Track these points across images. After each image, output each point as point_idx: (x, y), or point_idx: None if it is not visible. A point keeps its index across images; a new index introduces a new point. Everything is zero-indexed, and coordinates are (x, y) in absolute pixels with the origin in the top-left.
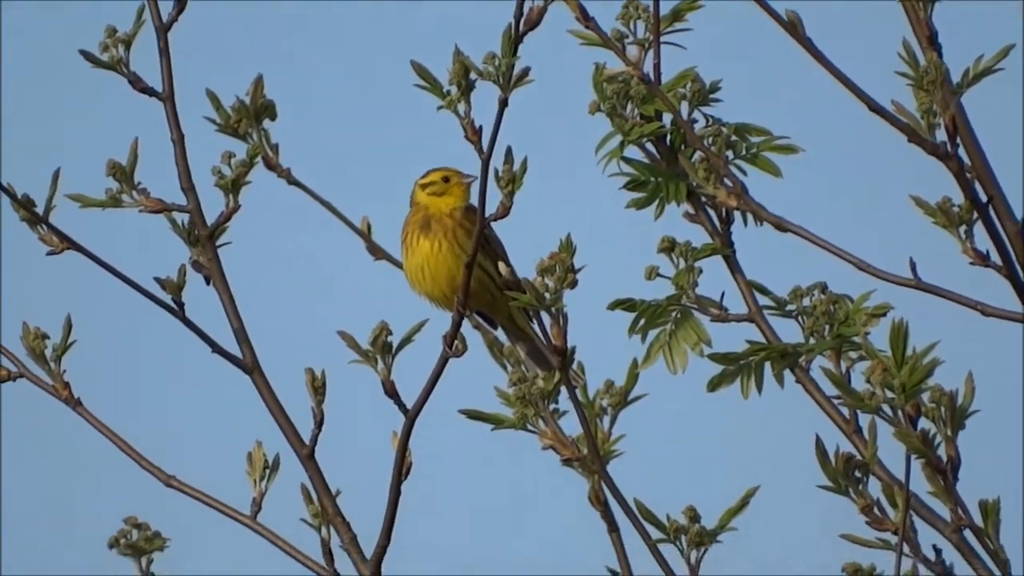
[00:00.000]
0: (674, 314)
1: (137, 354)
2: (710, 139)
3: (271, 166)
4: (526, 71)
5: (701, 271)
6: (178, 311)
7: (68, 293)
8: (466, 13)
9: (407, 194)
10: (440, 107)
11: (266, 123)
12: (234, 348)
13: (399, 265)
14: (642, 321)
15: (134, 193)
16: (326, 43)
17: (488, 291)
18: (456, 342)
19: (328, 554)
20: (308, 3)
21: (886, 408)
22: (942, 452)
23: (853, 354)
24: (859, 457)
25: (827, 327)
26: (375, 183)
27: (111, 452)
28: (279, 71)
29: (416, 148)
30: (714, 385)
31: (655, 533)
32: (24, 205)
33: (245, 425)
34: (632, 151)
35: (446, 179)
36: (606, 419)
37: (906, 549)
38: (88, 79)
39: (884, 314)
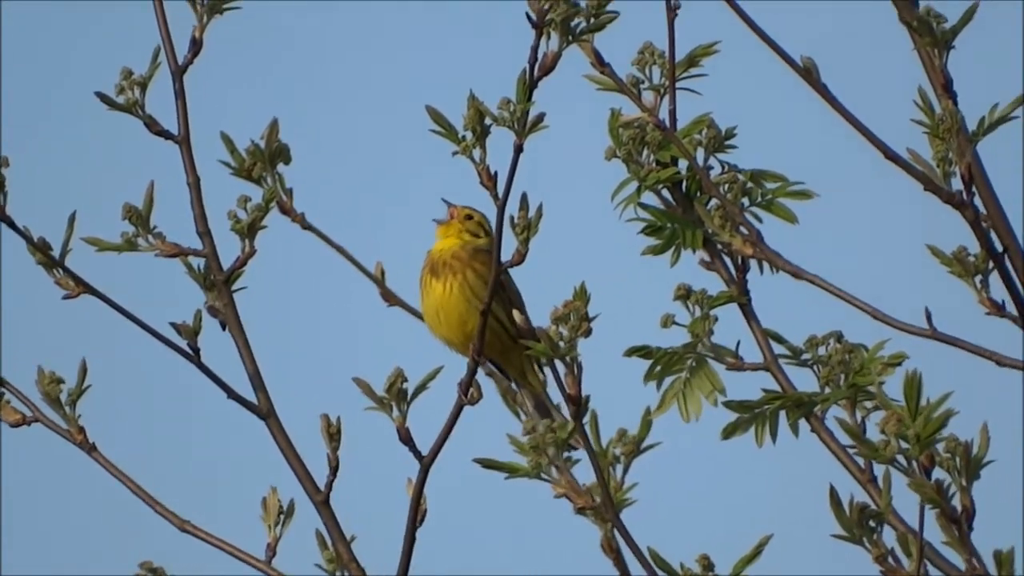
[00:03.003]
0: (689, 362)
1: (152, 399)
2: (726, 186)
3: (285, 211)
4: (541, 117)
5: (717, 319)
6: (194, 356)
7: (83, 337)
8: (481, 55)
9: (421, 239)
10: (455, 152)
11: (280, 167)
12: (249, 394)
13: (413, 311)
14: (658, 368)
15: (150, 237)
16: (341, 87)
17: (500, 340)
18: (472, 390)
19: None
20: (323, 47)
21: (900, 458)
22: (956, 502)
23: (868, 403)
24: (874, 506)
25: (842, 376)
26: (389, 228)
27: (126, 497)
28: (293, 115)
29: (431, 193)
30: (728, 433)
31: None
32: (40, 249)
33: (260, 471)
34: (648, 197)
35: (465, 216)
36: (619, 467)
37: None
38: (104, 121)
39: (899, 363)
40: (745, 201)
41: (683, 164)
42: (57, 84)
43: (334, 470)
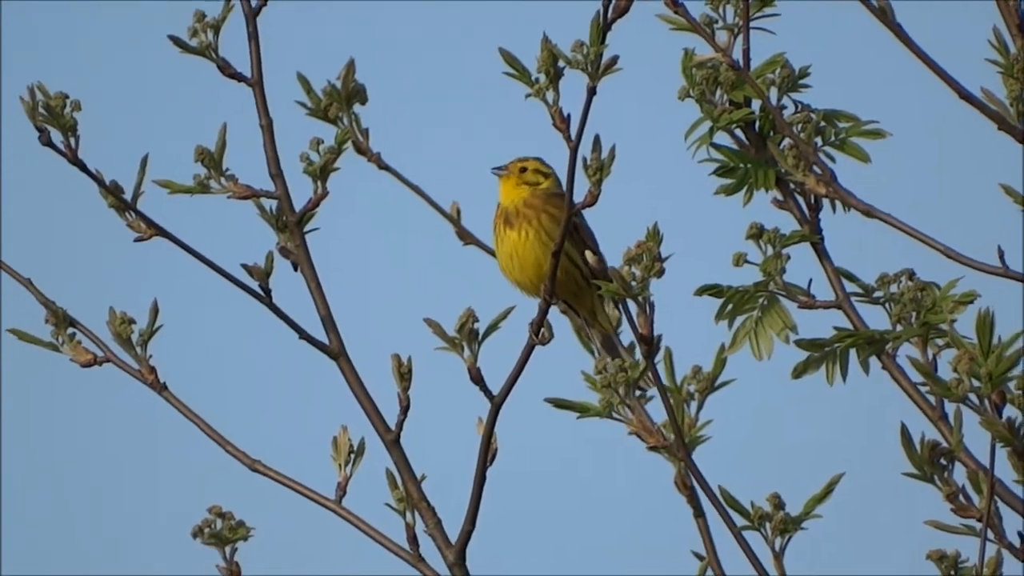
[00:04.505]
0: (761, 300)
1: (224, 339)
2: (799, 126)
3: (361, 151)
4: (614, 59)
5: (789, 258)
6: (265, 297)
7: (155, 279)
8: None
9: (494, 181)
10: (528, 95)
11: (356, 108)
12: (321, 334)
13: (488, 251)
14: (729, 307)
15: (222, 179)
16: (416, 29)
17: (574, 280)
18: (543, 330)
19: (412, 539)
20: None
21: (972, 397)
22: None
23: (940, 341)
24: (945, 444)
25: (914, 314)
26: (464, 169)
27: (196, 436)
28: (369, 56)
29: (505, 135)
30: (799, 372)
31: (739, 520)
32: (112, 192)
33: (331, 411)
34: (721, 137)
35: (520, 170)
36: (693, 405)
37: (990, 535)
38: (177, 64)
39: (971, 301)
40: (818, 141)
41: (756, 105)
42: (131, 28)
43: (405, 410)
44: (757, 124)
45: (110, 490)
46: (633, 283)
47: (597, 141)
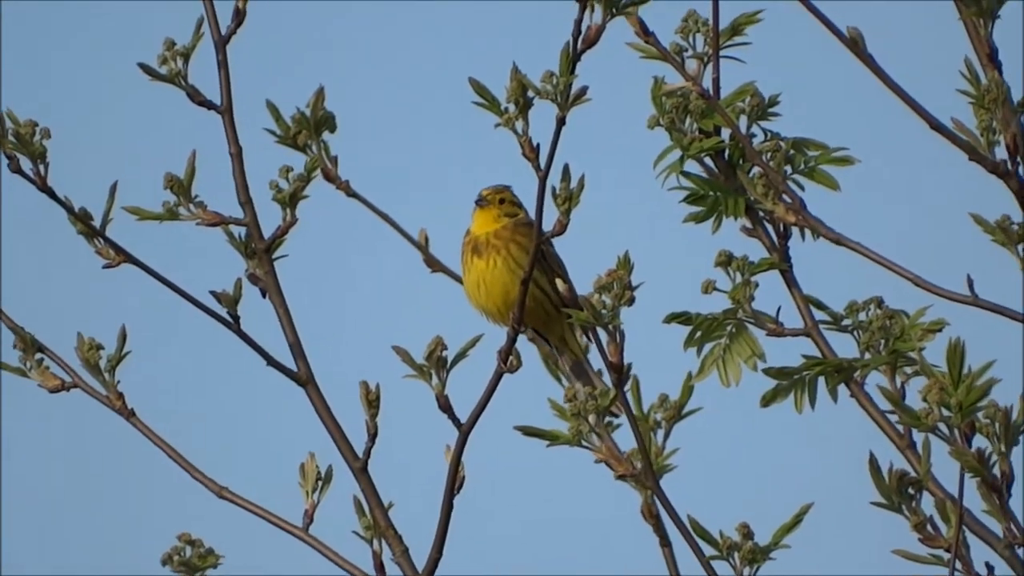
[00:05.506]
0: (729, 328)
1: (192, 366)
2: (768, 154)
3: (330, 178)
4: (584, 90)
5: (758, 285)
6: (234, 324)
7: (124, 306)
8: (524, 25)
9: (463, 209)
10: (498, 124)
11: (326, 135)
12: (289, 361)
13: (456, 278)
14: (698, 334)
15: (191, 206)
16: (385, 57)
17: (543, 308)
18: (511, 358)
19: (380, 567)
20: (367, 17)
21: (942, 426)
22: (995, 469)
23: (908, 369)
24: (913, 473)
25: (882, 342)
26: (433, 197)
27: (164, 463)
28: (338, 85)
29: (474, 164)
30: (767, 400)
31: (708, 549)
32: (81, 218)
33: (298, 438)
34: (691, 165)
35: (499, 201)
36: (660, 433)
37: (959, 566)
38: (146, 92)
39: (940, 330)
40: (787, 169)
41: (726, 133)
42: (100, 55)
43: (372, 437)
44: (727, 152)
45: (77, 517)
46: (603, 311)
47: (566, 170)
